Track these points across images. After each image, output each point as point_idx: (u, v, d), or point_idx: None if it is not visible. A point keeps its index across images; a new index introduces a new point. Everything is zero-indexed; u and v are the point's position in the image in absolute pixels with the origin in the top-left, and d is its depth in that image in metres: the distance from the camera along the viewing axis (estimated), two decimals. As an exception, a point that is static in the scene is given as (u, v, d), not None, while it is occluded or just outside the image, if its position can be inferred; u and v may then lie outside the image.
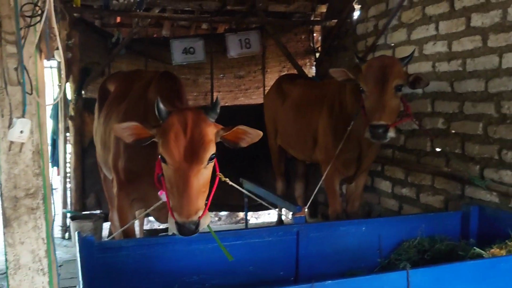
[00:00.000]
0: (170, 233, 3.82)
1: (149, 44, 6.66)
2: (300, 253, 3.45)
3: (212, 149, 2.62)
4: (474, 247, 3.07)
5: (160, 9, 6.37)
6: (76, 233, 2.98)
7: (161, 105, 2.60)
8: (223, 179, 2.88)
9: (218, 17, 6.34)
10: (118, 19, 7.25)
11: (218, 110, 2.78)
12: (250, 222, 7.14)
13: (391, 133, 3.67)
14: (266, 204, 3.84)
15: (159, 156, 2.63)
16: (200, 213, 2.54)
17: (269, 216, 7.93)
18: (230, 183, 3.16)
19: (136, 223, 5.31)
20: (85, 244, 2.94)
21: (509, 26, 3.86)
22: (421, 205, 4.94)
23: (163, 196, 2.91)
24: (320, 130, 4.67)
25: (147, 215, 3.82)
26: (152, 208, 3.14)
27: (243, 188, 4.70)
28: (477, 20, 4.17)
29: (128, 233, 3.55)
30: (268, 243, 3.37)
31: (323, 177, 4.27)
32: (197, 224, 2.51)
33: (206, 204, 2.62)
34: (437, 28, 4.66)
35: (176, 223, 2.53)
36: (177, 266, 3.20)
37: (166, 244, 3.18)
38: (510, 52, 3.86)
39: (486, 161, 4.12)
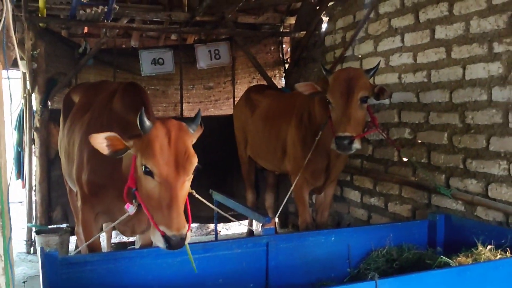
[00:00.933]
0: (137, 246, 3.77)
1: (117, 54, 6.58)
2: (270, 264, 3.44)
3: (196, 161, 2.60)
4: (441, 256, 3.11)
5: (128, 19, 6.31)
6: (39, 248, 2.89)
7: (144, 117, 2.54)
8: (190, 191, 2.84)
9: (187, 28, 6.31)
10: (86, 29, 7.15)
11: (199, 122, 2.78)
12: (221, 233, 7.09)
13: (356, 145, 3.71)
14: (231, 218, 3.83)
15: (142, 169, 2.55)
16: (187, 225, 2.51)
17: (240, 227, 7.89)
18: (197, 196, 3.13)
19: (104, 236, 5.22)
20: (48, 259, 2.87)
21: (472, 38, 3.97)
22: (390, 214, 4.99)
23: (130, 209, 2.86)
24: (289, 141, 4.69)
25: (114, 228, 3.75)
26: (118, 221, 3.07)
27: (213, 199, 4.71)
28: (441, 32, 4.27)
29: (94, 247, 3.47)
30: (238, 255, 3.34)
31: (292, 188, 4.27)
32: (184, 236, 2.48)
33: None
34: (402, 40, 4.75)
35: (164, 236, 2.47)
36: (144, 281, 3.15)
37: (133, 258, 3.12)
38: (473, 64, 3.96)
39: (451, 170, 4.20)
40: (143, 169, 2.55)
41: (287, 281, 3.49)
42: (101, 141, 2.65)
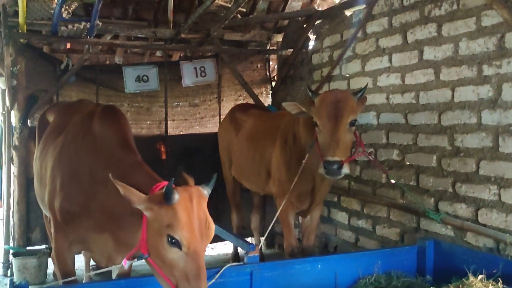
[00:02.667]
0: (114, 275, 3.61)
1: (100, 71, 6.43)
2: (253, 294, 3.30)
3: (214, 226, 2.55)
4: (432, 287, 2.98)
5: (112, 35, 6.19)
6: (9, 279, 2.73)
7: (173, 189, 2.38)
8: None
9: (172, 45, 6.20)
10: (68, 45, 7.01)
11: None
12: (206, 253, 6.91)
13: (346, 169, 3.59)
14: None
15: (166, 239, 2.41)
16: None
17: (225, 246, 7.73)
18: None
19: (82, 258, 5.03)
20: (18, 292, 2.71)
21: (460, 60, 3.90)
22: (377, 237, 4.89)
23: (126, 265, 2.69)
24: (274, 163, 4.57)
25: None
26: (115, 274, 2.93)
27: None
28: (430, 53, 4.21)
29: (67, 275, 3.29)
30: (220, 284, 3.19)
31: (278, 211, 4.14)
32: None
33: None
34: (390, 60, 4.69)
35: None
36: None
37: (110, 289, 2.97)
38: (462, 86, 3.89)
39: (440, 194, 4.11)
40: (168, 239, 2.40)
41: (272, 311, 3.36)
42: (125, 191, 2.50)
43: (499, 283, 2.96)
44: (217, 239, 5.34)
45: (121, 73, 6.25)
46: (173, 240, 2.37)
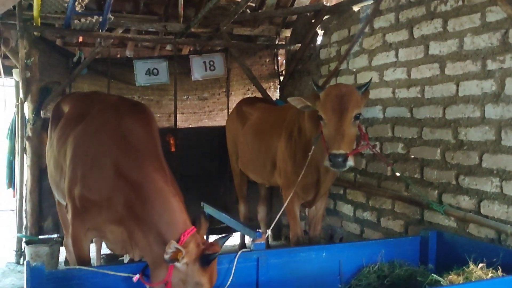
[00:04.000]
0: (126, 260, 3.73)
1: (111, 64, 6.54)
2: (260, 280, 3.40)
3: None
4: (433, 274, 3.07)
5: (123, 29, 6.31)
6: (25, 262, 2.85)
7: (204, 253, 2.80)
8: None
9: (182, 39, 6.31)
10: (80, 39, 7.13)
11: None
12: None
13: (350, 162, 3.68)
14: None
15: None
16: None
17: (232, 238, 7.85)
18: None
19: (93, 247, 5.16)
20: (34, 273, 2.82)
21: (465, 55, 3.98)
22: (382, 229, 4.97)
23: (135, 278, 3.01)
24: (279, 155, 4.66)
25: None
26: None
27: (204, 211, 4.68)
28: (435, 48, 4.28)
29: (83, 262, 3.42)
30: (228, 270, 3.30)
31: (286, 203, 4.23)
32: None
33: None
34: (397, 55, 4.76)
35: None
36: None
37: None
38: (466, 81, 3.97)
39: (444, 186, 4.19)
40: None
41: (278, 296, 3.46)
42: (170, 249, 2.72)
43: (498, 271, 3.04)
44: (226, 229, 5.52)
45: (132, 67, 6.36)
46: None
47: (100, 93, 4.54)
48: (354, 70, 5.42)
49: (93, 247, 5.26)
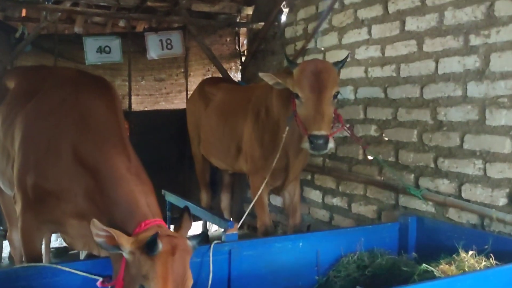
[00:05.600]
0: (82, 256, 3.31)
1: (59, 41, 5.98)
2: (232, 274, 3.08)
3: (191, 283, 2.35)
4: (424, 264, 2.84)
5: (72, 2, 5.76)
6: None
7: (159, 241, 2.19)
8: None
9: (137, 14, 5.84)
10: (24, 13, 6.50)
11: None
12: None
13: (331, 144, 3.41)
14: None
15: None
16: None
17: (197, 229, 7.51)
18: None
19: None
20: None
21: (446, 30, 3.75)
22: (353, 215, 4.75)
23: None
24: (245, 138, 4.32)
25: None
26: None
27: (165, 200, 4.31)
28: (412, 24, 4.04)
29: (34, 259, 2.97)
30: (196, 264, 2.95)
31: (259, 191, 3.90)
32: None
33: None
34: (369, 32, 4.51)
35: None
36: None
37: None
38: (447, 57, 3.75)
39: (421, 170, 3.99)
40: (139, 286, 2.25)
41: (251, 291, 3.15)
42: (98, 231, 2.27)
43: (491, 259, 2.84)
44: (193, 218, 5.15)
45: (81, 44, 5.83)
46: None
47: (52, 67, 4.03)
48: (323, 48, 5.14)
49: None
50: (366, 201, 4.60)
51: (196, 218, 4.95)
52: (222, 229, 3.30)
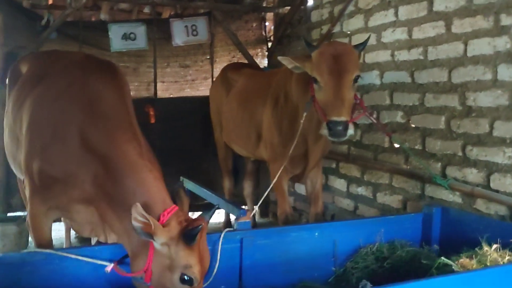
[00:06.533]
0: (93, 242, 3.30)
1: (84, 28, 5.98)
2: (244, 263, 3.00)
3: None
4: (442, 257, 2.68)
5: (96, -11, 5.77)
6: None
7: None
8: None
9: (161, 0, 5.78)
10: (50, 1, 6.55)
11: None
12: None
13: (351, 130, 3.26)
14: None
15: (180, 276, 2.36)
16: None
17: (217, 215, 7.47)
18: None
19: (63, 227, 4.72)
20: (-25, 259, 2.39)
21: (475, 10, 3.53)
22: (378, 205, 4.59)
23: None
24: (264, 125, 4.21)
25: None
26: None
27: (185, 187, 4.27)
28: (440, 4, 3.83)
29: (43, 245, 2.97)
30: (213, 253, 2.87)
31: (275, 178, 3.79)
32: None
33: None
34: (396, 14, 4.31)
35: None
36: (96, 285, 2.68)
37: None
38: (476, 39, 3.53)
39: (448, 158, 3.79)
40: (182, 277, 2.35)
41: (264, 281, 3.06)
42: (138, 216, 2.29)
43: (516, 253, 2.66)
44: (208, 206, 5.12)
45: (106, 31, 5.81)
46: (187, 278, 2.35)
47: (62, 51, 4.00)
48: (349, 32, 4.95)
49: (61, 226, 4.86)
50: (392, 191, 4.43)
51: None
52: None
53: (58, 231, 4.84)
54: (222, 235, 2.89)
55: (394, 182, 4.40)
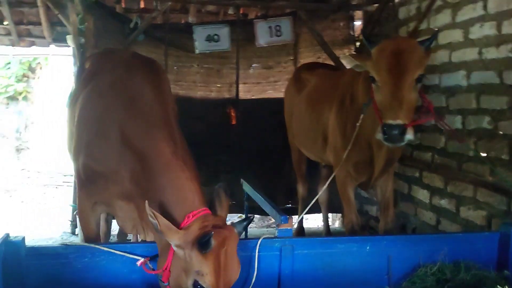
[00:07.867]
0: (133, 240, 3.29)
1: (169, 30, 6.15)
2: (282, 273, 2.81)
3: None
4: (498, 286, 2.27)
5: (183, -8, 5.88)
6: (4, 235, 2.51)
7: (212, 239, 2.21)
8: None
9: (244, 1, 5.74)
10: (142, 4, 6.82)
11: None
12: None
13: (409, 135, 2.92)
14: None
15: (193, 281, 2.30)
16: None
17: (314, 221, 7.32)
18: None
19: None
20: (10, 248, 2.47)
21: None
22: (461, 220, 4.12)
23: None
24: (330, 127, 3.96)
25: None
26: None
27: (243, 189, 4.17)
28: (534, -8, 3.32)
29: (89, 238, 3.06)
30: (246, 259, 2.73)
31: (328, 181, 3.55)
32: None
33: None
34: (485, 7, 3.83)
35: None
36: (128, 280, 2.67)
37: (116, 254, 2.64)
38: None
39: (539, 171, 3.27)
40: (195, 283, 2.29)
41: (305, 295, 2.84)
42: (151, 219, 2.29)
43: None
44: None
45: (191, 33, 5.94)
46: (199, 286, 2.28)
47: (115, 50, 4.12)
48: (436, 29, 4.51)
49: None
50: (476, 205, 3.95)
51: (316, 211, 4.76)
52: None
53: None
54: (259, 242, 2.74)
55: (478, 196, 3.92)
